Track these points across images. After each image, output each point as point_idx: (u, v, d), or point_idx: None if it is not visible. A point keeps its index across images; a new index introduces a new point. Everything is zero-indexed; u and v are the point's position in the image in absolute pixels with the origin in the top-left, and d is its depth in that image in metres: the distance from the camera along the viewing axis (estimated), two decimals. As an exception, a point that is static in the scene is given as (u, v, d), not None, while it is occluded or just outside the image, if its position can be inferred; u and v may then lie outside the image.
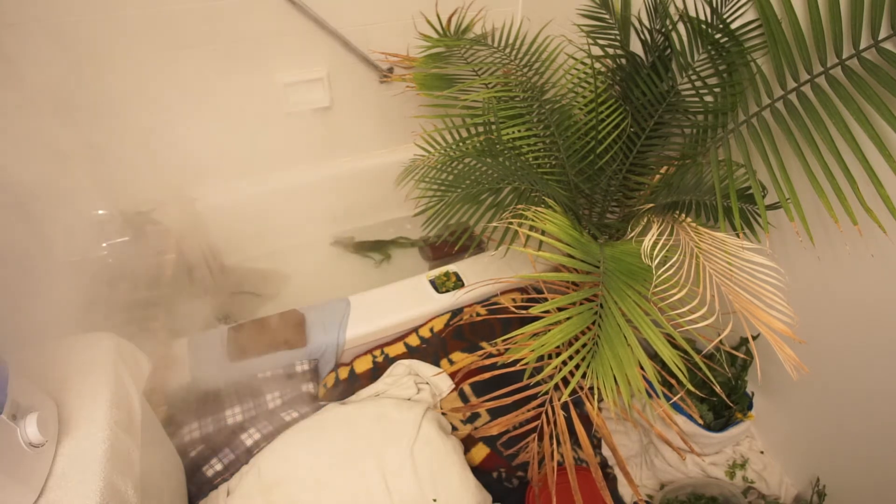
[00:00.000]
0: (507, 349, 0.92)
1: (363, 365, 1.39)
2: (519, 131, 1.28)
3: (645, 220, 1.04)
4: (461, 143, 1.32)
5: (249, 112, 1.72)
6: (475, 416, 1.30)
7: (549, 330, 0.85)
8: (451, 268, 1.56)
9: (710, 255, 0.86)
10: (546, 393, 0.98)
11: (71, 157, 1.55)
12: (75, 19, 1.34)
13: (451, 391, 1.35)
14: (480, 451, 1.26)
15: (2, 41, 1.30)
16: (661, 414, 1.07)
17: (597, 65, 1.25)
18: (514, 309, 1.08)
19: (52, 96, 1.43)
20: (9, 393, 0.61)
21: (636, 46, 1.24)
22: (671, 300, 0.81)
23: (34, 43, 1.34)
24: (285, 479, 1.08)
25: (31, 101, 1.39)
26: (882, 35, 0.83)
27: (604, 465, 1.37)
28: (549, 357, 0.95)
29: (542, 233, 0.98)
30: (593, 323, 0.87)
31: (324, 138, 1.91)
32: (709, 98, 1.12)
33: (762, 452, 1.38)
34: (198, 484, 1.12)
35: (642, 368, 0.80)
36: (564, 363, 0.85)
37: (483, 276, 1.52)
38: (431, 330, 1.43)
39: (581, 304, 0.89)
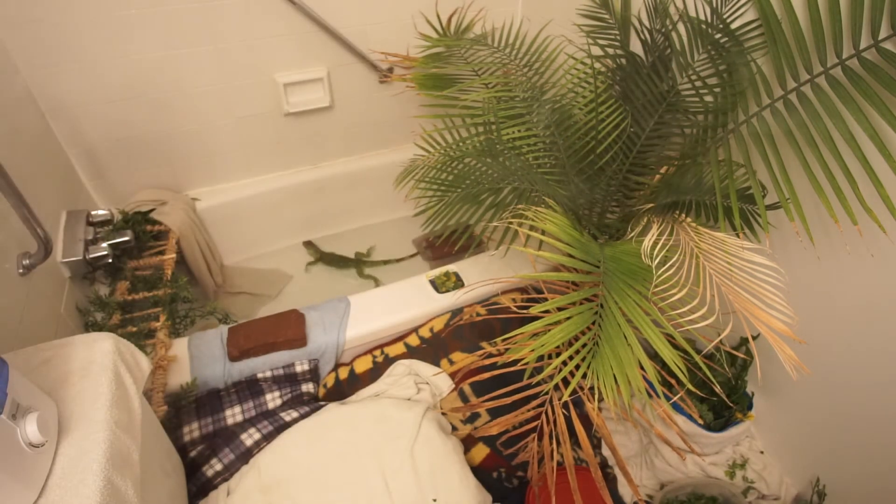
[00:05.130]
0: (507, 349, 0.92)
1: (363, 365, 1.39)
2: (519, 131, 1.28)
3: (645, 220, 1.04)
4: (461, 143, 1.32)
5: (249, 112, 1.72)
6: (475, 416, 1.30)
7: (550, 330, 0.85)
8: (451, 268, 1.56)
9: (710, 255, 0.86)
10: (546, 393, 0.98)
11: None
12: (76, 19, 1.34)
13: (451, 391, 1.35)
14: (480, 451, 1.26)
15: (2, 40, 1.30)
16: (661, 414, 1.07)
17: (597, 65, 1.25)
18: (514, 309, 1.08)
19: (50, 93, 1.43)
20: (9, 393, 0.60)
21: (636, 46, 1.24)
22: (671, 300, 0.81)
23: (34, 41, 1.34)
24: (285, 478, 1.08)
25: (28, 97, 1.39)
26: (882, 35, 0.83)
27: (604, 465, 1.37)
28: (549, 357, 0.95)
29: (542, 233, 0.98)
30: (593, 323, 0.87)
31: (324, 138, 1.91)
32: (709, 98, 1.12)
33: (762, 452, 1.38)
34: (198, 484, 1.12)
35: (642, 368, 0.80)
36: (564, 363, 0.85)
37: (483, 276, 1.52)
38: (431, 330, 1.43)
39: (581, 303, 0.89)
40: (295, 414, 1.24)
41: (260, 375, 1.30)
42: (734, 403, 1.27)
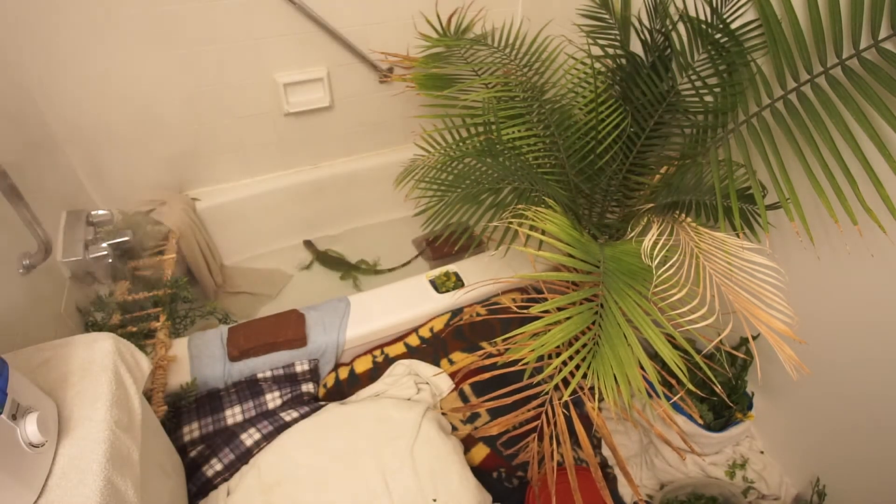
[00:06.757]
0: (507, 349, 0.92)
1: (363, 365, 1.39)
2: (519, 131, 1.28)
3: (645, 220, 1.04)
4: (461, 143, 1.32)
5: (249, 112, 1.72)
6: (475, 417, 1.30)
7: (550, 330, 0.85)
8: (451, 268, 1.56)
9: (710, 255, 0.86)
10: (546, 393, 0.98)
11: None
12: (76, 19, 1.34)
13: (451, 391, 1.35)
14: (480, 451, 1.26)
15: (2, 40, 1.30)
16: (661, 414, 1.07)
17: (597, 65, 1.25)
18: (514, 309, 1.08)
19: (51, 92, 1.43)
20: (9, 393, 0.61)
21: (636, 46, 1.24)
22: (671, 300, 0.81)
23: (34, 42, 1.34)
24: (285, 479, 1.08)
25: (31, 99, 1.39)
26: (882, 35, 0.83)
27: (604, 465, 1.36)
28: (549, 357, 0.95)
29: (542, 233, 0.98)
30: (593, 323, 0.87)
31: (324, 138, 1.91)
32: (709, 98, 1.12)
33: (762, 452, 1.38)
34: (198, 484, 1.12)
35: (642, 368, 0.80)
36: (565, 363, 0.85)
37: (483, 276, 1.52)
38: (431, 330, 1.43)
39: (581, 303, 0.89)
40: (295, 414, 1.24)
41: (260, 375, 1.30)
42: (734, 403, 1.27)
